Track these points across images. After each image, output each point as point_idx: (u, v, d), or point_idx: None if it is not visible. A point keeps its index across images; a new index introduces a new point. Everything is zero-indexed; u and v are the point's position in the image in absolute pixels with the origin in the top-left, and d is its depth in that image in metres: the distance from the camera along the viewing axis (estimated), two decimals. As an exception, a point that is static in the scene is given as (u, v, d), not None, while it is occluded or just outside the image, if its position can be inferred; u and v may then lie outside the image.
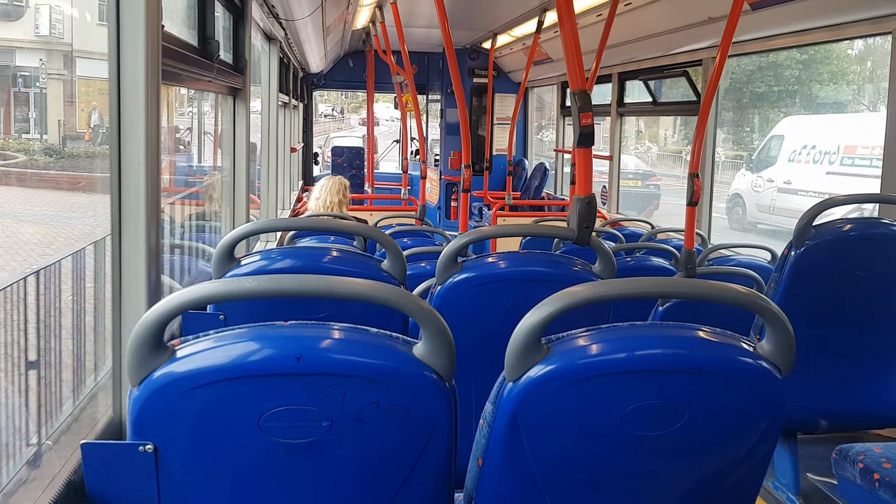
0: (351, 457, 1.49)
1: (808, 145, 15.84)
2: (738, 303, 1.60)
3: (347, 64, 12.37)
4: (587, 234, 2.79)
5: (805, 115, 18.63)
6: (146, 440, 1.43)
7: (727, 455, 1.64)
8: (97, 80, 2.56)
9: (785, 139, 16.56)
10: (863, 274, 2.97)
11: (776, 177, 16.27)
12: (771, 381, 1.58)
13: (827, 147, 15.27)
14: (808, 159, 15.78)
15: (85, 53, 2.36)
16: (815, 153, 15.63)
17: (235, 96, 4.12)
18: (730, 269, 4.02)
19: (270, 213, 6.72)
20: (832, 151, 15.12)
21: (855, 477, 2.52)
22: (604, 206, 8.48)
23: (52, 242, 4.50)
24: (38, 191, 5.17)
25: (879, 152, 11.66)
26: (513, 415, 1.55)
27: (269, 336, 1.46)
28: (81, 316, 2.55)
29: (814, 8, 4.38)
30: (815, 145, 15.67)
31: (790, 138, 16.34)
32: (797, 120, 17.73)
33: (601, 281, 1.77)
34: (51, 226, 4.85)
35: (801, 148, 15.95)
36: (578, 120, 2.73)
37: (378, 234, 2.60)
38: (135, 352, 1.40)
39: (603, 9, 6.37)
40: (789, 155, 16.12)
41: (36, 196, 5.07)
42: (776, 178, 16.25)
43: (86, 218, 4.45)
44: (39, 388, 2.11)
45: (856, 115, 17.54)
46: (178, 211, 4.50)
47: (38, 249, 4.31)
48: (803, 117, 18.31)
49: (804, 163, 15.83)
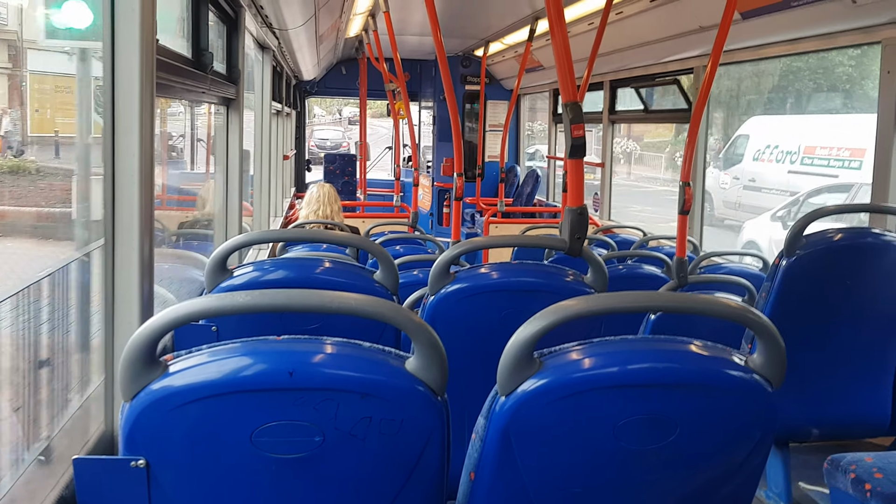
0: (343, 471, 1.49)
1: (772, 145, 16.64)
2: (729, 317, 1.61)
3: (340, 71, 12.38)
4: (579, 245, 2.80)
5: (769, 116, 19.45)
6: (138, 455, 1.43)
7: (720, 467, 1.65)
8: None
9: (750, 138, 17.33)
10: (853, 283, 2.99)
11: (741, 174, 17.03)
12: (762, 395, 1.59)
13: (789, 147, 16.07)
14: (771, 158, 16.60)
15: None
16: (777, 153, 16.44)
17: (229, 106, 4.12)
18: (721, 278, 4.03)
19: (263, 221, 6.72)
20: (793, 151, 15.93)
21: (847, 487, 2.52)
22: (596, 213, 8.50)
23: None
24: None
25: (836, 153, 12.10)
26: (505, 429, 1.55)
27: (261, 351, 1.46)
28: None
29: (803, 18, 4.41)
30: (777, 145, 16.48)
31: (755, 138, 17.15)
32: (762, 120, 18.51)
33: (594, 295, 1.78)
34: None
35: (765, 147, 16.77)
36: (570, 131, 2.74)
37: (371, 246, 2.60)
38: (127, 367, 1.40)
39: (594, 17, 6.39)
40: (754, 154, 16.93)
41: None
42: (741, 175, 17.03)
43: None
44: (29, 401, 2.10)
45: (817, 117, 18.06)
46: (171, 218, 4.49)
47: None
48: (767, 118, 19.12)
49: (767, 161, 16.66)
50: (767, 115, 19.23)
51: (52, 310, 2.43)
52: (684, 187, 4.08)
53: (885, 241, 3.01)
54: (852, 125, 15.17)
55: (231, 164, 4.17)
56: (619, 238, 6.13)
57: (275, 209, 8.20)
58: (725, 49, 3.99)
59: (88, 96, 2.26)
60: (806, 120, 18.07)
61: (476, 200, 10.41)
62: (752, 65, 15.82)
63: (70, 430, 1.94)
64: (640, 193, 22.21)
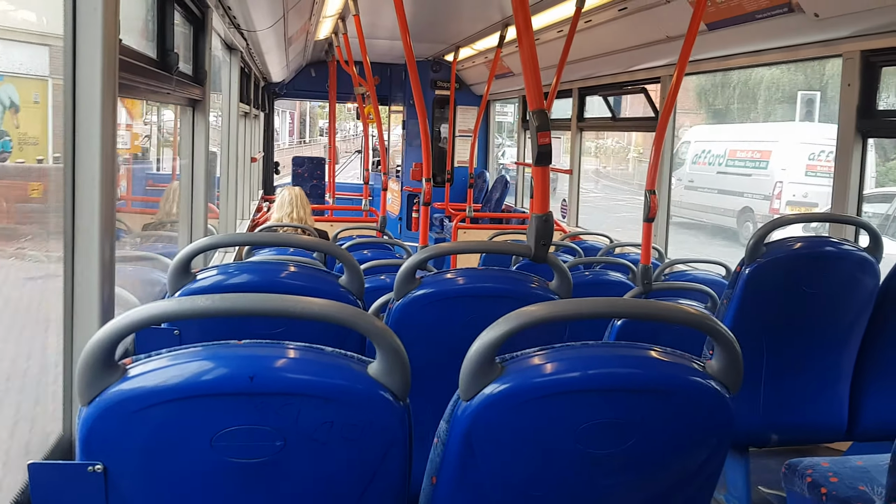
0: (305, 476, 1.48)
1: (706, 150, 19.89)
2: (688, 323, 1.64)
3: (309, 74, 12.32)
4: (544, 252, 2.82)
5: (705, 125, 23.50)
6: (96, 460, 1.41)
7: (677, 472, 1.67)
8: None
9: (691, 145, 20.33)
10: (812, 291, 3.04)
11: (683, 177, 19.65)
12: (719, 400, 1.61)
13: (718, 151, 19.36)
14: (704, 161, 19.83)
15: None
16: (709, 157, 19.69)
17: (195, 107, 4.09)
18: (685, 285, 4.08)
19: (229, 224, 6.67)
20: (721, 155, 19.22)
21: (803, 491, 2.57)
22: (563, 220, 8.55)
23: None
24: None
25: (751, 155, 15.60)
26: (466, 433, 1.56)
27: (222, 355, 1.45)
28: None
29: (767, 30, 4.48)
30: (710, 150, 19.76)
31: (694, 144, 20.23)
32: (699, 128, 22.17)
33: (556, 301, 1.80)
34: None
35: (701, 152, 19.98)
36: (537, 139, 2.75)
37: (337, 251, 2.60)
38: (85, 370, 1.39)
39: (564, 25, 6.43)
40: (692, 158, 19.97)
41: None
42: (683, 178, 19.60)
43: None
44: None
45: (738, 125, 22.84)
46: (135, 220, 4.45)
47: None
48: (704, 126, 22.93)
49: (702, 164, 19.89)
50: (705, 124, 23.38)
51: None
52: (650, 195, 4.13)
53: (843, 250, 3.07)
54: (764, 132, 19.45)
55: (197, 165, 4.13)
56: (586, 244, 6.17)
57: (242, 212, 8.15)
58: (692, 59, 4.05)
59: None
60: (732, 128, 22.17)
61: (445, 205, 10.43)
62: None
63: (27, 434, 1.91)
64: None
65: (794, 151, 16.97)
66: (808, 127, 17.74)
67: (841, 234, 4.24)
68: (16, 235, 2.68)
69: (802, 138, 17.13)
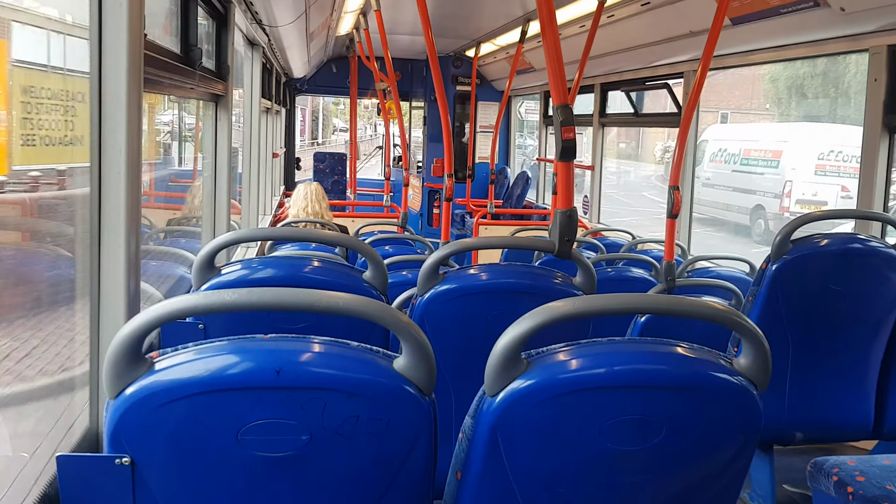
0: (330, 470, 1.49)
1: (722, 149, 20.70)
2: (716, 320, 1.62)
3: (331, 69, 12.33)
4: (568, 247, 2.80)
5: (721, 125, 24.57)
6: (123, 453, 1.42)
7: (704, 469, 1.66)
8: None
9: (708, 143, 21.01)
10: (839, 288, 3.01)
11: (701, 174, 19.64)
12: (748, 397, 1.59)
13: (734, 151, 20.24)
14: (721, 160, 20.67)
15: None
16: (726, 155, 20.53)
17: (217, 102, 4.10)
18: (708, 282, 4.05)
19: (252, 219, 6.70)
20: (736, 154, 20.16)
21: (829, 489, 2.54)
22: (585, 216, 8.51)
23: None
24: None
25: (762, 155, 16.77)
26: (492, 429, 1.55)
27: (248, 349, 1.45)
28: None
29: (792, 25, 4.43)
30: (726, 149, 20.58)
31: (711, 143, 20.97)
32: (716, 128, 23.11)
33: (582, 297, 1.79)
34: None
35: (718, 151, 20.84)
36: (560, 134, 2.74)
37: (361, 246, 2.60)
38: (113, 364, 1.39)
39: (586, 20, 6.40)
40: (710, 156, 20.75)
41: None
42: (701, 175, 19.55)
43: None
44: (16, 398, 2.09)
45: (754, 125, 23.88)
46: (159, 215, 4.47)
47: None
48: (720, 126, 23.97)
49: (719, 162, 20.73)
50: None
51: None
52: (673, 191, 4.10)
53: (870, 247, 3.03)
54: (776, 132, 20.73)
55: (219, 161, 4.15)
56: (608, 241, 6.15)
57: (264, 207, 8.18)
58: (715, 54, 4.01)
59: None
60: (747, 128, 23.11)
61: (466, 202, 10.41)
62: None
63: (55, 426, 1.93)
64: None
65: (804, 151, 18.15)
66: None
67: (867, 230, 4.19)
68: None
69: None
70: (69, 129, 2.19)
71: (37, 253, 2.26)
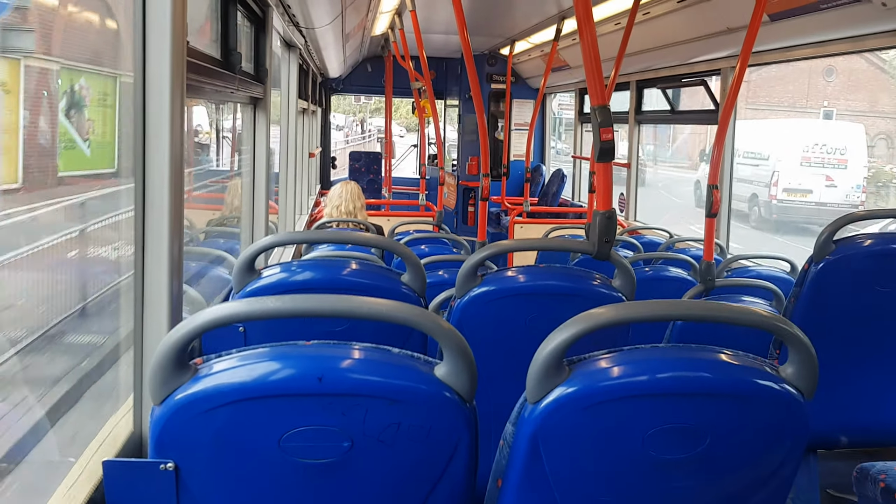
0: (371, 477, 1.49)
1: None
2: (761, 326, 1.60)
3: (366, 69, 12.36)
4: (607, 249, 2.78)
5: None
6: (167, 458, 1.44)
7: (749, 477, 1.63)
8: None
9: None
10: (884, 289, 2.94)
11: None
12: (794, 406, 1.57)
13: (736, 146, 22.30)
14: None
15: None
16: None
17: (256, 105, 4.13)
18: (749, 282, 3.99)
19: (289, 219, 6.74)
20: (737, 148, 21.37)
21: (877, 496, 2.49)
22: (621, 214, 8.45)
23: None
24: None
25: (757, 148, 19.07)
26: (533, 436, 1.55)
27: (290, 355, 1.46)
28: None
29: (832, 20, 4.35)
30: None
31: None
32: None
33: (624, 304, 1.77)
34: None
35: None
36: (599, 135, 2.72)
37: (400, 249, 2.60)
38: (157, 371, 1.41)
39: (622, 17, 6.35)
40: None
41: None
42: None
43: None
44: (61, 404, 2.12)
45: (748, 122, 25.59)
46: (199, 216, 4.51)
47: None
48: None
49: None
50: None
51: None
52: (712, 190, 4.05)
53: None
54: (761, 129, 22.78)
55: (258, 163, 4.18)
56: (645, 239, 6.09)
57: (300, 207, 8.23)
58: (753, 51, 3.96)
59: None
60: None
61: (501, 200, 10.38)
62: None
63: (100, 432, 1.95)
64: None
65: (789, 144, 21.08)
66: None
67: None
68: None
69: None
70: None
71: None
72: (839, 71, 29.85)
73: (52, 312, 2.28)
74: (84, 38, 2.32)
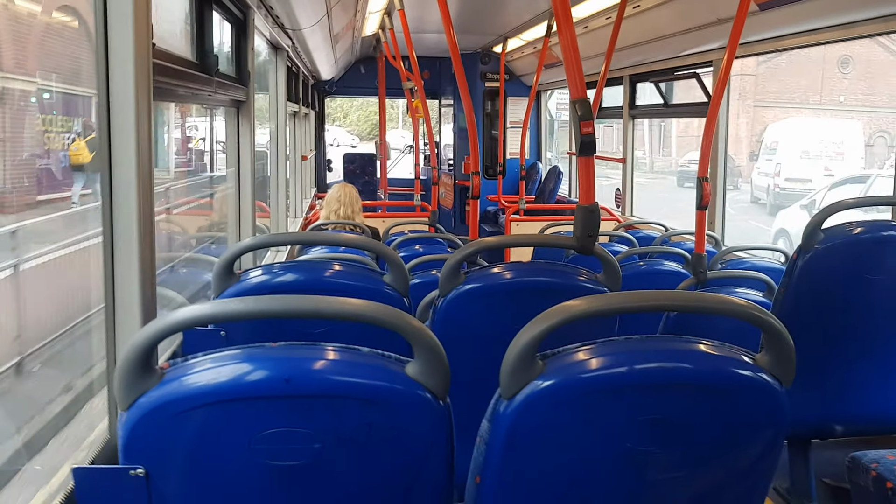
0: (345, 478, 1.47)
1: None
2: (735, 315, 1.58)
3: (359, 70, 12.34)
4: (591, 243, 2.75)
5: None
6: (137, 464, 1.41)
7: (730, 467, 1.61)
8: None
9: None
10: (874, 277, 2.92)
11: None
12: (772, 394, 1.55)
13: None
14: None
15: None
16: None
17: (239, 109, 4.11)
18: (741, 273, 3.97)
19: (280, 223, 6.72)
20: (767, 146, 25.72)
21: (868, 485, 2.47)
22: (617, 209, 8.43)
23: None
24: None
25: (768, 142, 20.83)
26: (509, 432, 1.52)
27: (258, 357, 1.44)
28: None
29: (823, 7, 4.33)
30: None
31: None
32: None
33: (599, 295, 1.75)
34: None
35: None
36: (579, 128, 2.69)
37: (380, 248, 2.58)
38: (123, 375, 1.39)
39: (611, 11, 6.33)
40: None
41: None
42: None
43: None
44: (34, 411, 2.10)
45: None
46: (188, 221, 4.50)
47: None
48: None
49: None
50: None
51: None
52: (702, 182, 4.03)
53: None
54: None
55: (243, 166, 4.16)
56: (641, 234, 6.07)
57: (294, 210, 8.21)
58: (743, 41, 3.93)
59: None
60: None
61: (498, 198, 10.35)
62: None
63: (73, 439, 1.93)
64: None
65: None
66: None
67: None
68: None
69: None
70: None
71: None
72: (856, 60, 29.92)
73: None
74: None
